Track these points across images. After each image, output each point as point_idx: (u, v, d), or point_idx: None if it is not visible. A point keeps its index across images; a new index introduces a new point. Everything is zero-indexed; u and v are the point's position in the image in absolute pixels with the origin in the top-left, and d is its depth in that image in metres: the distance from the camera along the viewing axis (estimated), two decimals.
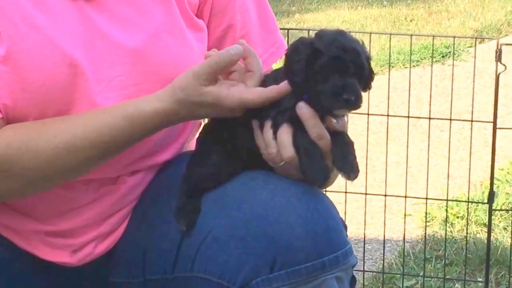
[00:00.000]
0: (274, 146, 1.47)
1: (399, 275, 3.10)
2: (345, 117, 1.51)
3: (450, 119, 2.92)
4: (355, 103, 1.43)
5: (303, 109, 1.45)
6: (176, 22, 1.58)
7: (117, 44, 1.52)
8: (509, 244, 3.19)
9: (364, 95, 1.46)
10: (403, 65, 5.83)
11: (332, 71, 1.42)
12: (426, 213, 3.30)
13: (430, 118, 2.93)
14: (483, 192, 3.76)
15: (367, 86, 1.49)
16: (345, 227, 1.53)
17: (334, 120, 1.47)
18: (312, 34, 1.53)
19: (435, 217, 3.62)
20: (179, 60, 1.57)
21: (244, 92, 1.48)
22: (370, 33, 3.16)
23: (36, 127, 1.48)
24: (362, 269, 3.00)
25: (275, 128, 1.47)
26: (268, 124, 1.48)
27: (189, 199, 1.53)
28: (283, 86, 1.47)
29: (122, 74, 1.53)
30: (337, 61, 1.42)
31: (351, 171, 1.44)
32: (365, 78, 1.46)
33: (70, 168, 1.50)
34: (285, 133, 1.46)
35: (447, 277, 3.06)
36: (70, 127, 1.48)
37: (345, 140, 1.47)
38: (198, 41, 1.62)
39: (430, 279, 3.07)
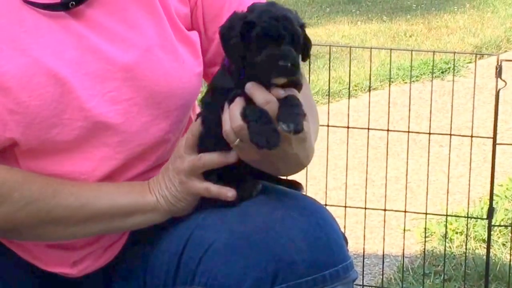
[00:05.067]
0: (228, 123, 1.46)
1: None
2: (294, 91, 1.47)
3: (450, 135, 2.93)
4: (291, 70, 1.43)
5: (248, 85, 1.45)
6: (167, 36, 1.57)
7: (109, 60, 1.52)
8: (508, 260, 3.18)
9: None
10: (403, 80, 5.83)
11: (267, 41, 1.43)
12: (425, 228, 3.30)
13: (429, 133, 2.93)
14: (482, 208, 3.76)
15: (305, 55, 1.50)
16: (346, 241, 1.53)
17: (282, 92, 1.44)
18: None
19: (434, 233, 3.61)
20: (171, 75, 1.57)
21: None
22: (371, 48, 3.17)
23: (45, 193, 1.52)
24: (361, 283, 3.00)
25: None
26: (226, 106, 1.47)
27: None
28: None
29: (114, 90, 1.53)
30: (271, 30, 1.43)
31: (291, 122, 1.41)
32: (301, 45, 1.46)
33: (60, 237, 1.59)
34: (235, 105, 1.45)
35: None
36: (72, 214, 1.54)
37: (294, 101, 1.45)
38: (189, 55, 1.61)
39: None
